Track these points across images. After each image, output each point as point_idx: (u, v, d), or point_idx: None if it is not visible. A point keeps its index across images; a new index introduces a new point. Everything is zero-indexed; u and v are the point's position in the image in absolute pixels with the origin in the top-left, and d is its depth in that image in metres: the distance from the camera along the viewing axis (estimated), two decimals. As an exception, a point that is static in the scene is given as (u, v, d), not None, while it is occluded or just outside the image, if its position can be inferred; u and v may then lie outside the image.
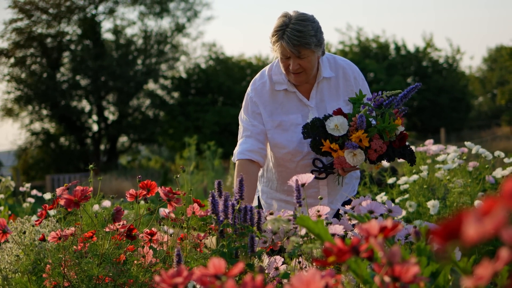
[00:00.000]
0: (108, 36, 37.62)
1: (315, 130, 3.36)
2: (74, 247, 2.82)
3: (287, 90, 3.67)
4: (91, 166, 3.13)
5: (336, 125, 3.31)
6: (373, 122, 3.36)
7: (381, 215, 2.61)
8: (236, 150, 3.67)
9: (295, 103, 3.67)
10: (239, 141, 3.71)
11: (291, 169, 3.66)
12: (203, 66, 38.71)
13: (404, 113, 3.41)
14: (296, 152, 3.62)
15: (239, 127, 3.80)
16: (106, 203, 4.75)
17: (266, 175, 3.86)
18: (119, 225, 2.90)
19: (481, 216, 0.87)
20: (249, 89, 3.77)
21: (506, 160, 5.41)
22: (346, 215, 2.68)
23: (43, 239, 3.00)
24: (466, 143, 5.50)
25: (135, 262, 2.83)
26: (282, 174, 3.74)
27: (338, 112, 3.39)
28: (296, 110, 3.66)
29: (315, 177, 3.56)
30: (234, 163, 3.66)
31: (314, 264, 2.21)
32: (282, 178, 3.75)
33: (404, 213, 4.95)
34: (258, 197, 3.92)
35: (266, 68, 3.78)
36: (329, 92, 3.67)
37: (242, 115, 3.77)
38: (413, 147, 5.90)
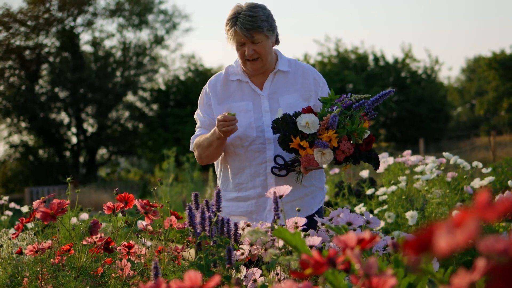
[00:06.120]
0: (86, 48, 37.59)
1: (285, 126, 3.36)
2: (52, 260, 2.80)
3: (240, 80, 3.81)
4: (68, 178, 3.11)
5: (307, 123, 3.31)
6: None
7: (360, 226, 2.62)
8: (191, 141, 3.87)
9: (247, 92, 3.80)
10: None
11: (241, 156, 3.75)
12: (182, 78, 38.72)
13: (373, 117, 3.44)
14: (245, 136, 3.70)
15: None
16: (84, 215, 4.72)
17: (223, 174, 3.92)
18: (96, 238, 2.88)
19: (453, 228, 0.87)
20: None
21: (484, 170, 5.44)
22: (324, 226, 2.68)
23: (20, 253, 2.98)
24: (444, 153, 5.53)
25: (113, 275, 2.81)
26: (234, 164, 3.81)
27: (308, 110, 3.40)
28: (247, 98, 3.79)
29: (275, 174, 3.61)
30: (205, 164, 3.84)
31: (291, 276, 2.20)
32: (235, 168, 3.81)
33: (382, 224, 4.95)
34: None
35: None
36: (284, 85, 3.80)
37: (197, 111, 3.99)
38: (391, 158, 5.97)
